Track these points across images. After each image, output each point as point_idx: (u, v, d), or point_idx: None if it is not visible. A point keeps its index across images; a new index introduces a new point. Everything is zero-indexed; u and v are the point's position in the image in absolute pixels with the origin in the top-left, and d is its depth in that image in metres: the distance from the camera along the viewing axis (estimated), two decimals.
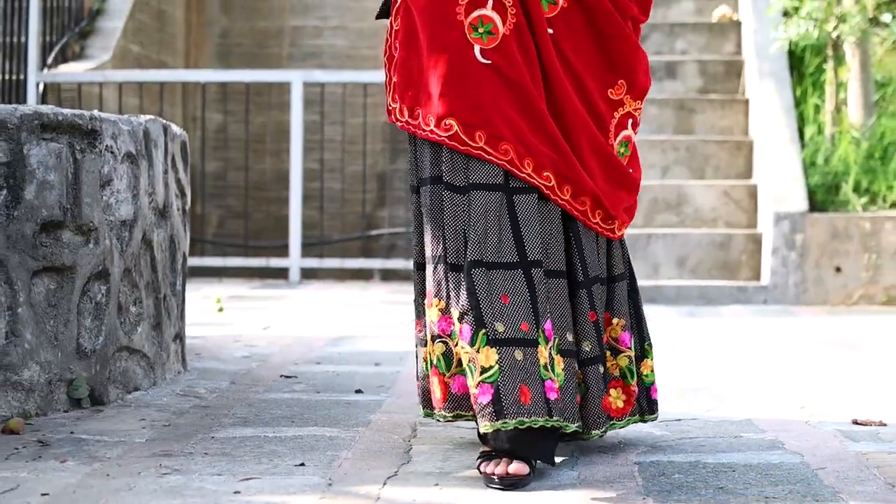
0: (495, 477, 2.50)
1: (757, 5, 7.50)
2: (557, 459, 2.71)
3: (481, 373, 2.54)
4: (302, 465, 2.67)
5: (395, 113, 2.73)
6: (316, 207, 9.10)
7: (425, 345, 2.74)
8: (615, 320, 2.77)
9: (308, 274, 7.84)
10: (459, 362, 2.63)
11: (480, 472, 2.55)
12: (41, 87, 7.70)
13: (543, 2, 2.68)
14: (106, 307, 3.30)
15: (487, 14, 2.64)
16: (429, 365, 2.70)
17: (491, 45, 2.63)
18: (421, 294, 2.77)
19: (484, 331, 2.55)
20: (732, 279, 6.56)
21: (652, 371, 2.83)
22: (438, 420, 2.74)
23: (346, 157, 9.61)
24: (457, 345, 2.61)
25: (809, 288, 6.29)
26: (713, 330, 5.32)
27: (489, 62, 2.63)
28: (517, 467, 2.51)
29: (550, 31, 2.68)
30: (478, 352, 2.55)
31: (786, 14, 6.98)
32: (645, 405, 2.82)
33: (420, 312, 2.78)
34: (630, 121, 2.78)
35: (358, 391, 3.60)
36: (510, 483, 2.49)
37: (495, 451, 2.55)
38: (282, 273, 7.85)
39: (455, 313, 2.59)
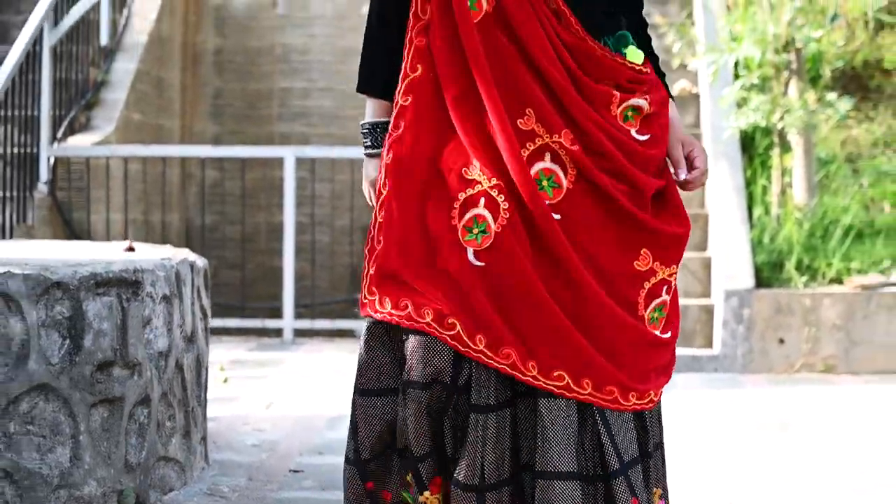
0: None
1: (713, 89, 8.17)
2: None
3: None
4: None
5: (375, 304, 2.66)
6: (306, 259, 9.77)
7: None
8: (654, 490, 2.70)
9: (300, 332, 8.47)
10: None
11: None
12: (52, 160, 8.31)
13: (547, 188, 2.61)
14: (147, 426, 3.95)
15: (480, 213, 2.60)
16: None
17: (485, 245, 2.58)
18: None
19: None
20: (687, 346, 7.23)
21: None
22: None
23: (334, 212, 10.29)
24: None
25: (756, 358, 6.97)
26: (664, 406, 5.98)
27: (483, 264, 2.58)
28: None
29: (558, 216, 2.60)
30: None
31: (739, 105, 7.66)
32: None
33: None
34: (665, 287, 2.68)
35: None
36: None
37: None
38: (276, 332, 8.49)
39: None
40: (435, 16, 2.68)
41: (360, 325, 8.54)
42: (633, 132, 2.66)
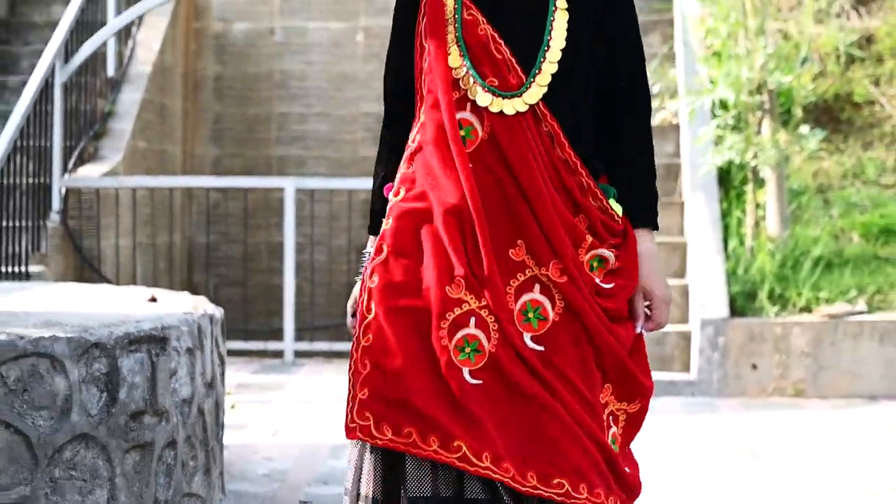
0: None
1: (692, 127, 8.61)
2: None
3: None
4: None
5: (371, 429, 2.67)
6: (304, 278, 10.22)
7: None
8: None
9: (300, 353, 8.91)
10: None
11: None
12: (64, 190, 8.73)
13: (533, 320, 2.68)
14: (174, 467, 4.39)
15: (472, 333, 2.65)
16: None
17: (479, 365, 2.64)
18: None
19: None
20: (666, 371, 7.68)
21: None
22: None
23: (331, 232, 10.73)
24: None
25: (730, 383, 7.43)
26: (642, 433, 6.42)
27: (479, 382, 2.64)
28: None
29: (540, 347, 2.68)
30: None
31: (715, 142, 8.12)
32: None
33: None
34: (612, 419, 2.81)
35: None
36: None
37: None
38: (277, 353, 8.92)
39: None
40: (429, 140, 2.78)
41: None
42: (597, 280, 2.74)
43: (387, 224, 2.77)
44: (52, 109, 8.66)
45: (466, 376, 2.64)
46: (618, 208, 2.81)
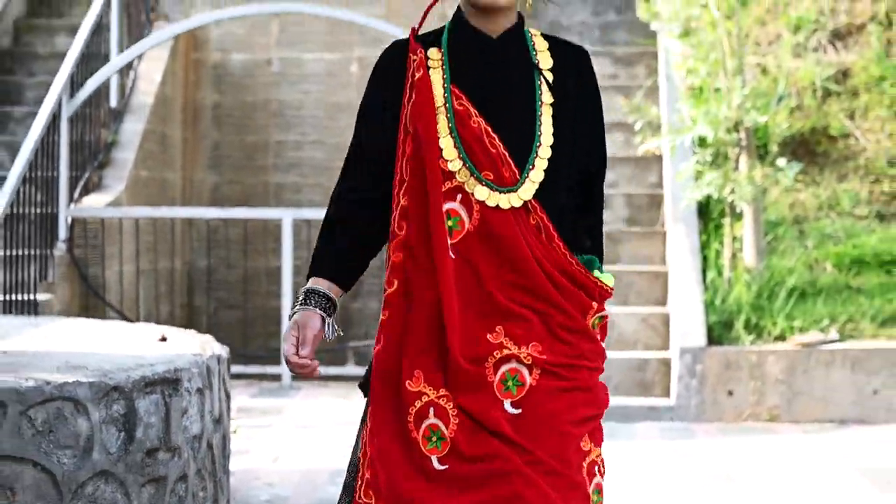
0: None
1: (673, 162, 8.98)
2: None
3: None
4: None
5: None
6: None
7: None
8: None
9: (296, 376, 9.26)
10: None
11: None
12: (69, 220, 9.08)
13: (512, 387, 2.80)
14: (185, 498, 4.74)
15: (433, 423, 2.78)
16: None
17: (445, 451, 2.76)
18: None
19: None
20: (646, 396, 8.05)
21: None
22: None
23: None
24: None
25: (708, 408, 7.80)
26: (623, 458, 6.80)
27: (446, 467, 2.75)
28: None
29: (518, 410, 2.78)
30: None
31: (696, 177, 8.50)
32: None
33: None
34: (596, 468, 2.90)
35: None
36: None
37: None
38: (275, 376, 9.28)
39: None
40: (412, 232, 2.83)
41: (350, 371, 9.33)
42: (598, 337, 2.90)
43: (384, 316, 2.86)
44: (58, 141, 9.00)
45: (435, 464, 2.75)
46: (607, 280, 2.90)
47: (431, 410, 2.76)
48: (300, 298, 2.93)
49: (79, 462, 4.40)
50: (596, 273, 2.89)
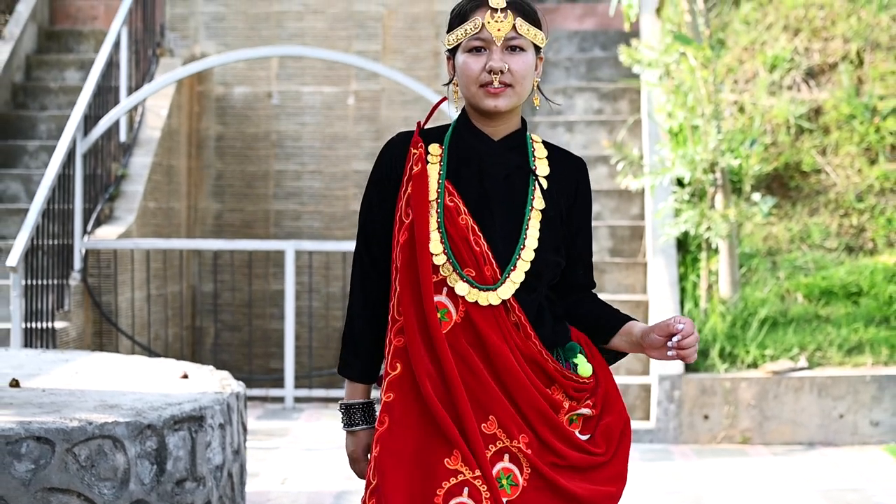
0: None
1: (655, 198, 9.53)
2: None
3: None
4: None
5: None
6: (301, 323, 11.11)
7: None
8: None
9: (299, 398, 9.79)
10: None
11: None
12: (84, 251, 9.61)
13: (506, 486, 2.92)
14: None
15: (465, 501, 2.86)
16: None
17: None
18: None
19: None
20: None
21: None
22: None
23: (326, 280, 11.62)
24: None
25: (685, 431, 8.35)
26: None
27: None
28: None
29: None
30: None
31: (675, 213, 9.06)
32: None
33: None
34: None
35: None
36: None
37: None
38: (277, 398, 9.81)
39: None
40: (410, 320, 2.94)
41: None
42: (576, 433, 3.00)
43: (388, 398, 2.97)
44: (73, 175, 9.52)
45: None
46: (584, 371, 3.02)
47: (466, 490, 2.85)
48: (342, 411, 3.11)
49: (117, 493, 4.93)
50: (575, 361, 3.01)
